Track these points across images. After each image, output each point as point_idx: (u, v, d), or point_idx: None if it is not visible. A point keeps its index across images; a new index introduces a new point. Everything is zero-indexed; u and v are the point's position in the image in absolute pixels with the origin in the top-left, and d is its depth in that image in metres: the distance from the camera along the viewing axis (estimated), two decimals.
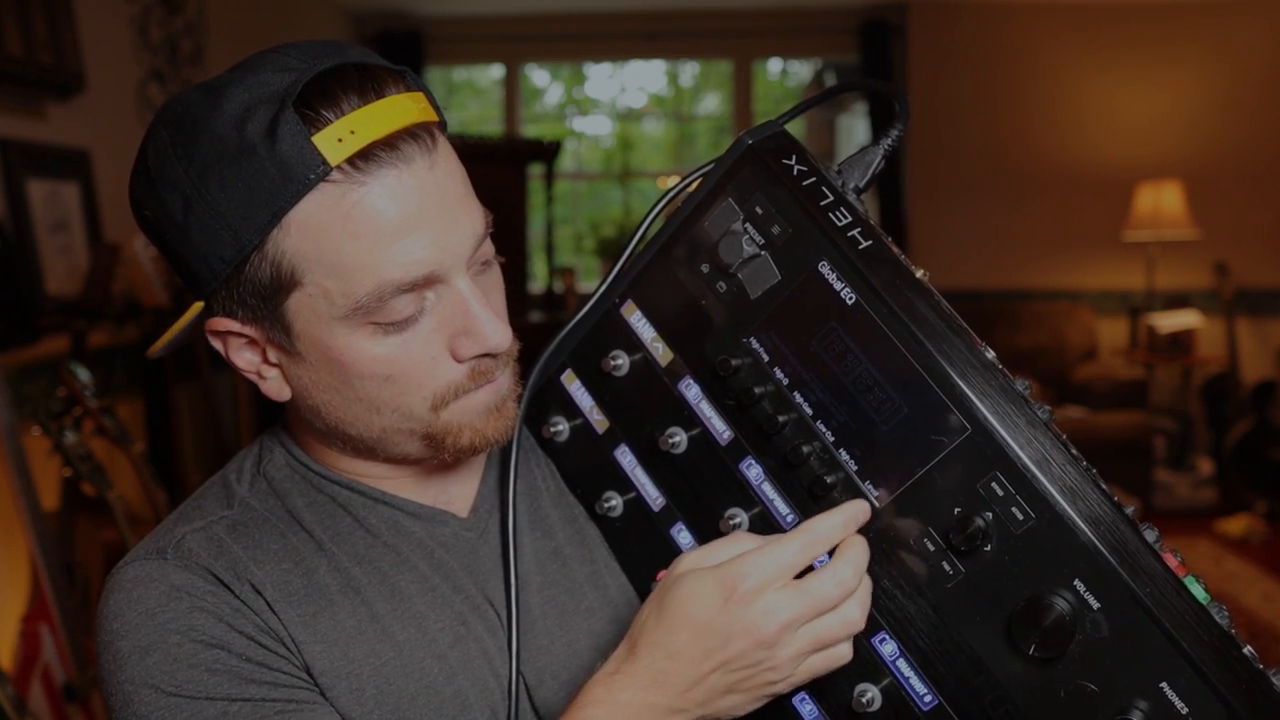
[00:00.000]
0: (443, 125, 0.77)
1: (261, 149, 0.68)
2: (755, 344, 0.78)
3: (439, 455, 0.81)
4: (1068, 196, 5.65)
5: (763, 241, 0.77)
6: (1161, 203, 5.22)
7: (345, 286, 0.72)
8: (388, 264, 0.71)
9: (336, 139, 0.69)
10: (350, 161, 0.69)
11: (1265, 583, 4.19)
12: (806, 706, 0.77)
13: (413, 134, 0.72)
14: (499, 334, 0.76)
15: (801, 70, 6.66)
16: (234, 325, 0.77)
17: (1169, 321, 5.24)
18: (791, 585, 0.69)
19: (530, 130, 6.45)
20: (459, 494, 0.88)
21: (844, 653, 0.72)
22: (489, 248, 0.79)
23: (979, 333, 0.74)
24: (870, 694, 0.73)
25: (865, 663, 0.74)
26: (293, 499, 0.83)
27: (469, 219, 0.75)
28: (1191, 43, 5.55)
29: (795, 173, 0.76)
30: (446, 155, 0.75)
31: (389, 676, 0.77)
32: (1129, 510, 0.68)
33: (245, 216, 0.70)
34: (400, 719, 0.77)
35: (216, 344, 0.79)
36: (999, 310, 5.58)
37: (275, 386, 0.80)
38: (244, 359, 0.79)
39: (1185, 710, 0.64)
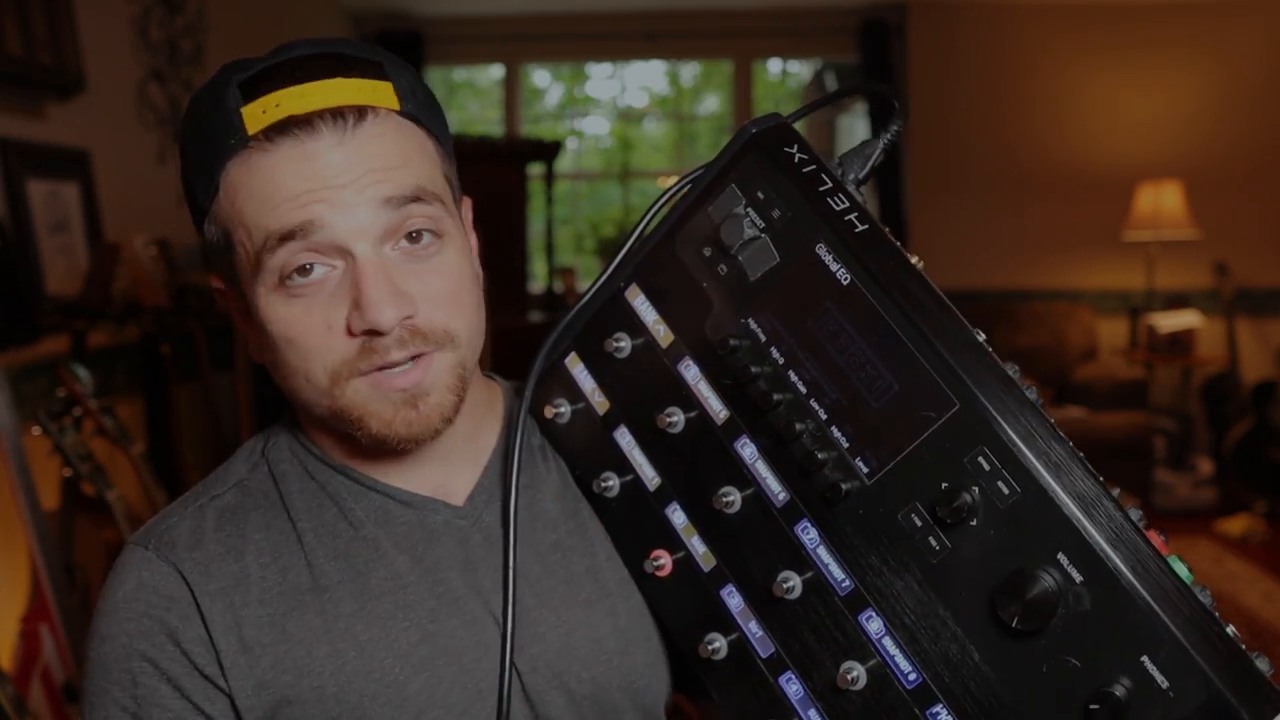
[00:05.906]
0: (412, 116, 0.78)
1: (211, 119, 0.76)
2: (753, 324, 0.79)
3: (363, 438, 0.79)
4: (1068, 196, 5.66)
5: (763, 224, 0.79)
6: (1161, 203, 5.23)
7: (250, 244, 0.76)
8: (273, 216, 0.74)
9: (261, 110, 0.74)
10: (265, 132, 0.74)
11: (1265, 583, 4.19)
12: (793, 686, 0.78)
13: (338, 113, 0.74)
14: (379, 311, 0.73)
15: (801, 70, 6.67)
16: (220, 284, 0.83)
17: (1169, 321, 5.24)
18: None
19: (530, 130, 6.46)
20: (456, 484, 0.87)
21: None
22: (420, 221, 0.77)
23: None
24: (855, 672, 0.74)
25: (851, 640, 0.75)
26: (288, 484, 0.85)
27: (377, 188, 0.74)
28: (1191, 43, 5.56)
29: (796, 160, 0.78)
30: (374, 135, 0.75)
31: (349, 675, 0.78)
32: (1114, 493, 0.69)
33: (197, 180, 0.78)
34: (360, 717, 0.78)
35: (220, 301, 0.86)
36: (999, 310, 5.58)
37: (255, 346, 0.84)
38: (235, 315, 0.85)
39: (1166, 684, 0.64)
